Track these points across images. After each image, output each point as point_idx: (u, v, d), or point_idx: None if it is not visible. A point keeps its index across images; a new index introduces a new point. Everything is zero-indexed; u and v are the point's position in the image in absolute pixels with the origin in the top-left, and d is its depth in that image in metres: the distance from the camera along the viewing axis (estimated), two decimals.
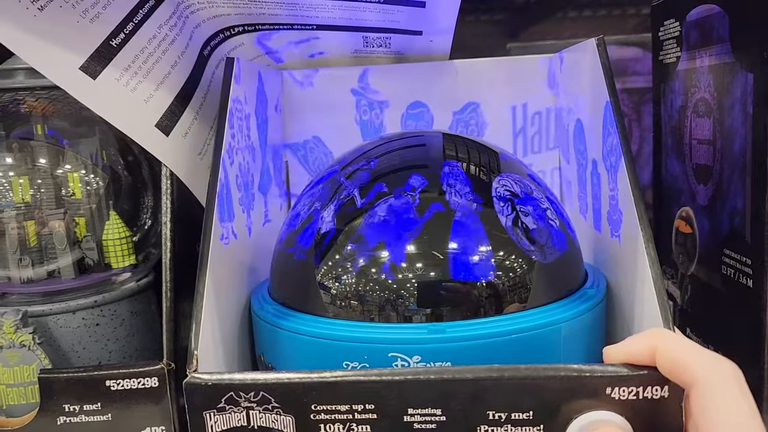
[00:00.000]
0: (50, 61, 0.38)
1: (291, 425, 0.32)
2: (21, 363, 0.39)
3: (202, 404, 0.32)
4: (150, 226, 0.46)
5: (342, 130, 0.52)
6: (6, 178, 0.41)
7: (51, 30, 0.37)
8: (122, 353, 0.43)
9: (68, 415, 0.38)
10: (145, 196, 0.46)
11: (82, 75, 0.39)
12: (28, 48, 0.37)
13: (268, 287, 0.41)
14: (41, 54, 0.38)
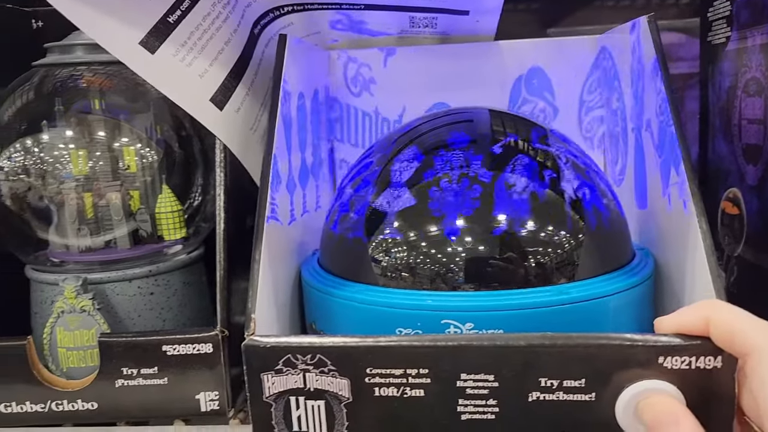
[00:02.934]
0: (112, 36, 0.39)
1: (346, 388, 0.33)
2: (81, 327, 0.40)
3: (260, 366, 0.33)
4: (200, 202, 0.47)
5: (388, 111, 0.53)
6: (66, 151, 0.43)
7: (113, 6, 0.39)
8: (175, 322, 0.44)
9: (126, 378, 0.39)
10: (196, 172, 0.47)
11: (141, 50, 0.40)
12: (91, 23, 0.39)
13: (318, 259, 0.42)
14: (103, 29, 0.39)
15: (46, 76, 0.44)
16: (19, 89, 0.44)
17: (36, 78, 0.44)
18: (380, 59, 0.52)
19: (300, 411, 0.33)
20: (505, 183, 0.35)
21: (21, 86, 0.44)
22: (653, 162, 0.43)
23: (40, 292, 0.43)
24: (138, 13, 0.39)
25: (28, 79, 0.44)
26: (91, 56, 0.43)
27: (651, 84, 0.42)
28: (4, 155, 0.43)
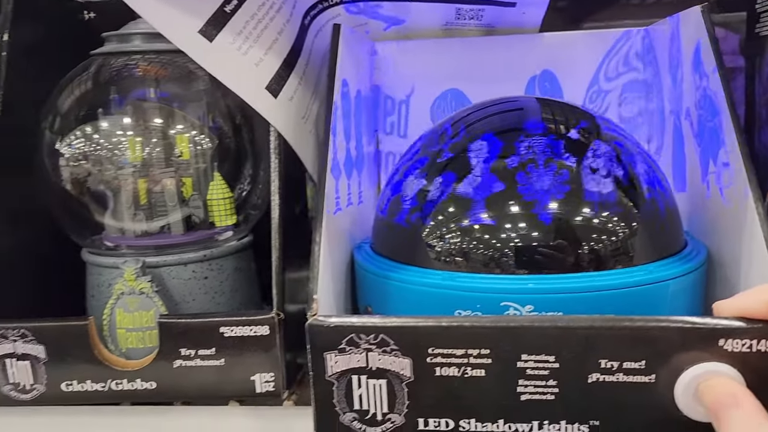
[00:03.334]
0: (172, 25, 0.40)
1: (408, 367, 0.34)
2: (140, 309, 0.41)
3: (323, 345, 0.34)
4: (249, 189, 0.48)
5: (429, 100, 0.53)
6: (123, 138, 0.44)
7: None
8: (228, 306, 0.45)
9: (185, 359, 0.40)
10: (246, 160, 0.48)
11: (200, 38, 0.41)
12: (153, 12, 0.40)
13: (370, 245, 0.42)
14: (164, 17, 0.40)
15: (103, 65, 0.45)
16: (77, 78, 0.45)
17: (94, 67, 0.45)
18: (424, 51, 0.53)
19: (361, 390, 0.34)
20: (561, 168, 0.36)
21: (79, 75, 0.45)
22: (692, 149, 0.43)
23: (98, 276, 0.44)
24: (197, 2, 0.40)
25: (87, 68, 0.45)
26: (147, 45, 0.44)
27: (692, 75, 0.43)
28: (65, 142, 0.44)
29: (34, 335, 0.40)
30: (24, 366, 0.40)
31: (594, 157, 0.36)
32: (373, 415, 0.34)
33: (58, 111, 0.45)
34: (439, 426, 0.34)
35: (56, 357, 0.40)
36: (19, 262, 0.44)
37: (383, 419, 0.34)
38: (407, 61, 0.53)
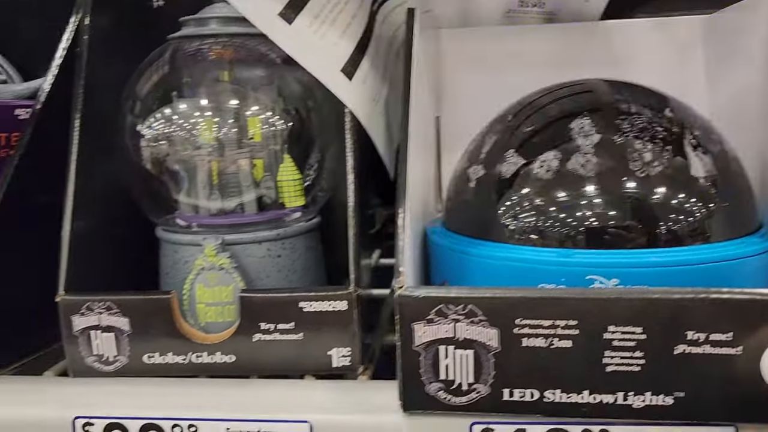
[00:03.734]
0: (254, 8, 0.42)
1: (495, 338, 0.34)
2: (219, 284, 0.42)
3: (411, 316, 0.35)
4: (318, 172, 0.49)
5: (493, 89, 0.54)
6: (201, 119, 0.45)
7: None
8: (299, 285, 0.46)
9: (264, 333, 0.41)
10: (315, 143, 0.49)
11: (280, 20, 0.42)
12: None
13: (442, 223, 0.43)
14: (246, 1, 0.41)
15: (181, 49, 0.46)
16: (156, 62, 0.46)
17: (172, 50, 0.46)
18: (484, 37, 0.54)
19: (448, 360, 0.35)
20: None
21: (158, 59, 0.46)
22: None
23: (174, 253, 0.45)
24: None
25: (164, 51, 0.46)
26: (223, 29, 0.45)
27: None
28: (145, 124, 0.45)
29: (119, 308, 0.41)
30: (108, 338, 0.41)
31: (691, 136, 0.37)
32: (459, 386, 0.35)
33: (138, 93, 0.46)
34: (524, 396, 0.35)
35: (139, 329, 0.41)
36: (98, 241, 0.46)
37: (469, 389, 0.35)
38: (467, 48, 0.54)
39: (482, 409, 0.35)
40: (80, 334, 0.41)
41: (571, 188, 0.36)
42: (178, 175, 0.45)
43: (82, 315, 0.41)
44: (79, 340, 0.42)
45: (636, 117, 0.37)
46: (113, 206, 0.48)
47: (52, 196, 0.47)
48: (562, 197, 0.36)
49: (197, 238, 0.43)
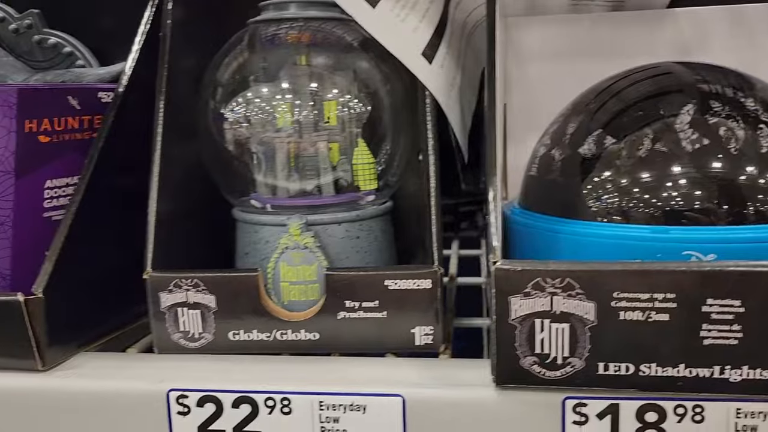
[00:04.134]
0: None
1: (592, 311, 0.35)
2: (303, 263, 0.43)
3: (508, 289, 0.35)
4: (391, 156, 0.50)
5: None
6: (282, 102, 0.46)
7: None
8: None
9: (348, 311, 0.42)
10: (389, 128, 0.50)
11: (365, 3, 0.43)
12: None
13: (519, 202, 0.44)
14: None
15: (260, 33, 0.47)
16: (237, 46, 0.47)
17: (251, 34, 0.47)
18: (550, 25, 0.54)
19: (544, 333, 0.35)
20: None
21: (238, 43, 0.47)
22: None
23: (254, 233, 0.46)
24: None
25: (243, 36, 0.47)
26: (302, 13, 0.46)
27: None
28: (227, 107, 0.46)
29: (206, 285, 0.42)
30: (194, 315, 0.42)
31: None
32: (554, 359, 0.36)
33: (220, 77, 0.47)
34: (619, 370, 0.35)
35: (225, 307, 0.42)
36: (179, 221, 0.46)
37: (563, 363, 0.36)
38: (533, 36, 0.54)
39: (576, 383, 0.35)
40: (167, 310, 0.42)
41: (664, 166, 0.36)
42: (258, 156, 0.46)
43: (170, 292, 0.42)
44: (166, 316, 0.42)
45: (725, 96, 0.38)
46: (191, 187, 0.49)
47: (134, 176, 0.48)
48: (656, 175, 0.36)
49: (279, 218, 0.44)
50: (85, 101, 0.46)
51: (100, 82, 0.49)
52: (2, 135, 0.42)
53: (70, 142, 0.47)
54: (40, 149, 0.45)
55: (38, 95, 0.44)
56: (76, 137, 0.47)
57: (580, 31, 0.54)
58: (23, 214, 0.45)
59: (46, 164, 0.45)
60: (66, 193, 0.47)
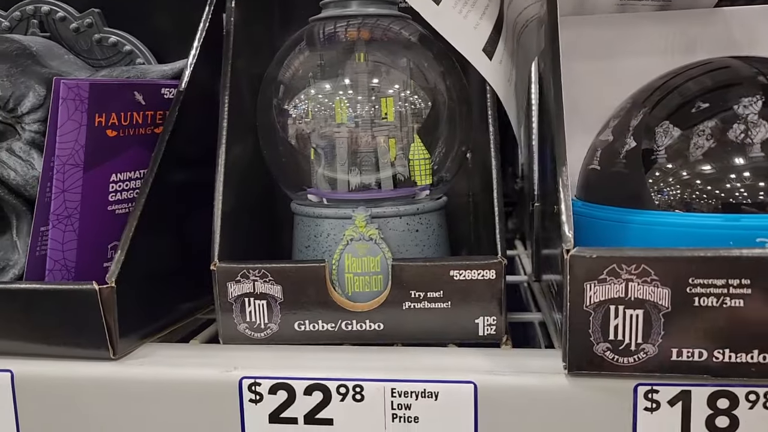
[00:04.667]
0: None
1: (666, 297, 0.35)
2: (368, 254, 0.44)
3: (583, 276, 0.36)
4: (446, 152, 0.50)
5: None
6: (345, 96, 0.47)
7: None
8: None
9: (413, 301, 0.42)
10: (445, 124, 0.50)
11: (429, 0, 0.44)
12: None
13: (577, 195, 0.45)
14: None
15: (322, 30, 0.48)
16: (299, 43, 0.48)
17: (313, 32, 0.48)
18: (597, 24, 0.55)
19: (618, 320, 0.36)
20: None
21: (300, 40, 0.48)
22: None
23: (315, 226, 0.46)
24: None
25: (305, 33, 0.48)
26: (363, 9, 0.47)
27: None
28: (290, 103, 0.47)
29: (273, 276, 0.42)
30: (261, 305, 0.43)
31: None
32: (627, 345, 0.36)
33: (282, 73, 0.48)
34: (692, 356, 0.36)
35: (292, 297, 0.43)
36: (241, 215, 0.47)
37: (636, 349, 0.36)
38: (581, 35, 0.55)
39: (648, 369, 0.36)
40: (235, 301, 0.43)
41: (733, 155, 0.37)
42: (318, 151, 0.47)
43: (237, 282, 0.43)
44: (233, 307, 0.43)
45: None
46: (251, 182, 0.50)
47: (195, 171, 0.49)
48: (725, 164, 0.37)
49: (343, 210, 0.45)
50: (149, 97, 0.47)
51: (163, 78, 0.50)
52: (73, 128, 0.43)
53: (134, 136, 0.48)
54: (108, 143, 0.46)
55: (108, 90, 0.45)
56: (139, 132, 0.48)
57: (627, 30, 0.55)
58: (89, 207, 0.46)
59: (112, 158, 0.46)
60: (129, 187, 0.48)
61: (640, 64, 0.56)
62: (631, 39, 0.55)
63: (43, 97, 0.47)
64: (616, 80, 0.56)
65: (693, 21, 0.54)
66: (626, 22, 0.55)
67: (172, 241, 0.48)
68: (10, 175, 0.47)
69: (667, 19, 0.55)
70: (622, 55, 0.56)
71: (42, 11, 0.54)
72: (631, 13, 0.55)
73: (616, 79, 0.56)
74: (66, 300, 0.41)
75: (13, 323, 0.42)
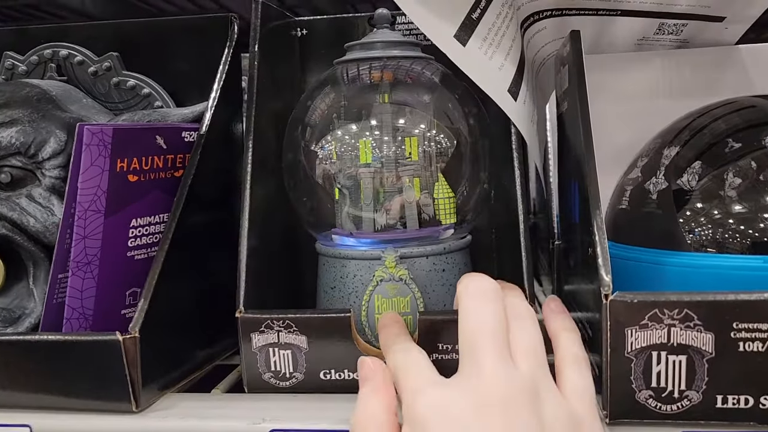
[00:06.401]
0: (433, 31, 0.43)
1: (710, 342, 0.34)
2: (398, 295, 0.43)
3: (625, 321, 0.35)
4: (467, 193, 0.50)
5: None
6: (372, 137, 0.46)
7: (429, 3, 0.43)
8: None
9: (441, 353, 0.41)
10: (468, 163, 0.50)
11: (455, 42, 0.43)
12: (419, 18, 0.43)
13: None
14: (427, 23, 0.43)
15: (347, 72, 0.48)
16: (325, 86, 0.48)
17: (338, 74, 0.48)
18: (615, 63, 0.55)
19: (660, 366, 0.35)
20: None
21: (326, 83, 0.48)
22: None
23: (342, 267, 0.45)
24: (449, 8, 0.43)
25: (330, 75, 0.49)
26: (386, 52, 0.47)
27: None
28: (318, 144, 0.47)
29: (298, 326, 0.41)
30: (286, 355, 0.42)
31: None
32: (670, 393, 0.35)
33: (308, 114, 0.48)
34: (738, 403, 0.35)
35: (317, 347, 0.41)
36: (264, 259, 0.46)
37: (680, 396, 0.35)
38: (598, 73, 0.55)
39: (693, 417, 0.35)
40: (259, 351, 0.42)
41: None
42: (344, 191, 0.47)
43: (262, 332, 0.42)
44: (258, 356, 0.42)
45: None
46: (274, 224, 0.49)
47: (214, 214, 0.49)
48: (761, 204, 0.37)
49: (369, 251, 0.44)
50: (171, 140, 0.47)
51: (183, 121, 0.50)
52: (95, 174, 0.43)
53: (155, 180, 0.47)
54: (129, 188, 0.45)
55: (131, 134, 0.44)
56: (159, 176, 0.47)
57: (645, 68, 0.55)
58: (109, 253, 0.45)
59: (132, 203, 0.46)
60: (149, 232, 0.47)
61: (658, 102, 0.56)
62: (647, 78, 0.55)
63: (64, 143, 0.46)
64: (635, 119, 0.56)
65: (713, 59, 0.54)
66: (643, 60, 0.55)
67: (193, 286, 0.47)
68: (29, 222, 0.46)
69: (687, 56, 0.55)
70: (638, 94, 0.56)
71: (60, 55, 0.54)
72: (651, 51, 0.55)
73: (635, 118, 0.56)
74: (87, 351, 0.40)
75: (31, 375, 0.41)
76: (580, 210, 0.43)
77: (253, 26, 0.48)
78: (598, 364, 0.37)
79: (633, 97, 0.55)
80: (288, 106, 0.51)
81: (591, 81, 0.55)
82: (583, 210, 0.41)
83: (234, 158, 0.53)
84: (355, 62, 0.48)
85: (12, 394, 0.41)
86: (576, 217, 0.44)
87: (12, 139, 0.46)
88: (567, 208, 0.49)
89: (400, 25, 0.57)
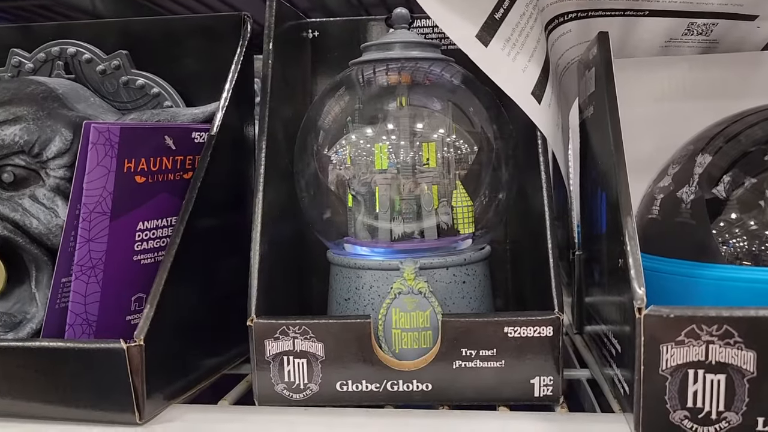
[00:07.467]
0: (455, 31, 0.42)
1: (751, 361, 0.32)
2: (417, 309, 0.41)
3: (660, 337, 0.33)
4: (487, 201, 0.48)
5: None
6: (389, 142, 0.45)
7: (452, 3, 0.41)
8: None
9: (464, 359, 0.39)
10: (488, 171, 0.48)
11: (477, 42, 0.42)
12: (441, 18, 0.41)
13: None
14: (449, 23, 0.41)
15: (363, 73, 0.46)
16: (340, 88, 0.47)
17: (354, 75, 0.46)
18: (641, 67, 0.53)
19: (697, 385, 0.33)
20: None
21: (342, 84, 0.47)
22: None
23: (357, 278, 0.44)
24: (471, 8, 0.42)
25: (346, 77, 0.47)
26: (405, 53, 0.45)
27: None
28: (332, 148, 0.45)
29: (315, 333, 0.39)
30: (301, 364, 0.40)
31: None
32: (707, 414, 0.33)
33: (323, 117, 0.46)
34: None
35: (334, 356, 0.40)
36: (275, 266, 0.45)
37: (718, 418, 0.33)
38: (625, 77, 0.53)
39: None
40: (273, 359, 0.40)
41: None
42: (359, 198, 0.45)
43: (276, 340, 0.40)
44: (271, 366, 0.40)
45: None
46: (282, 229, 0.47)
47: (224, 218, 0.47)
48: None
49: (386, 261, 0.42)
50: (180, 141, 0.45)
51: (193, 122, 0.48)
52: (101, 174, 0.41)
53: (163, 182, 0.45)
54: (136, 190, 0.43)
55: (139, 134, 0.42)
56: (168, 178, 0.45)
57: (672, 72, 0.53)
58: (114, 257, 0.43)
59: (139, 206, 0.44)
60: (156, 236, 0.45)
61: (685, 107, 0.54)
62: (673, 82, 0.53)
63: (69, 142, 0.44)
64: (660, 125, 0.54)
65: (740, 63, 0.52)
66: (669, 64, 0.53)
67: (201, 292, 0.45)
68: (32, 224, 0.44)
69: (714, 61, 0.53)
70: (664, 98, 0.54)
71: (68, 53, 0.52)
72: (676, 56, 0.54)
73: (656, 124, 0.54)
74: (90, 359, 0.38)
75: (31, 384, 0.39)
76: (607, 219, 0.41)
77: (267, 24, 0.46)
78: (629, 381, 0.35)
79: (658, 102, 0.53)
80: (299, 109, 0.50)
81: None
82: (612, 219, 0.39)
83: (245, 161, 0.51)
84: (372, 63, 0.46)
85: (11, 402, 0.39)
86: (602, 227, 0.42)
87: (15, 138, 0.45)
88: (591, 217, 0.48)
89: (416, 28, 0.55)
